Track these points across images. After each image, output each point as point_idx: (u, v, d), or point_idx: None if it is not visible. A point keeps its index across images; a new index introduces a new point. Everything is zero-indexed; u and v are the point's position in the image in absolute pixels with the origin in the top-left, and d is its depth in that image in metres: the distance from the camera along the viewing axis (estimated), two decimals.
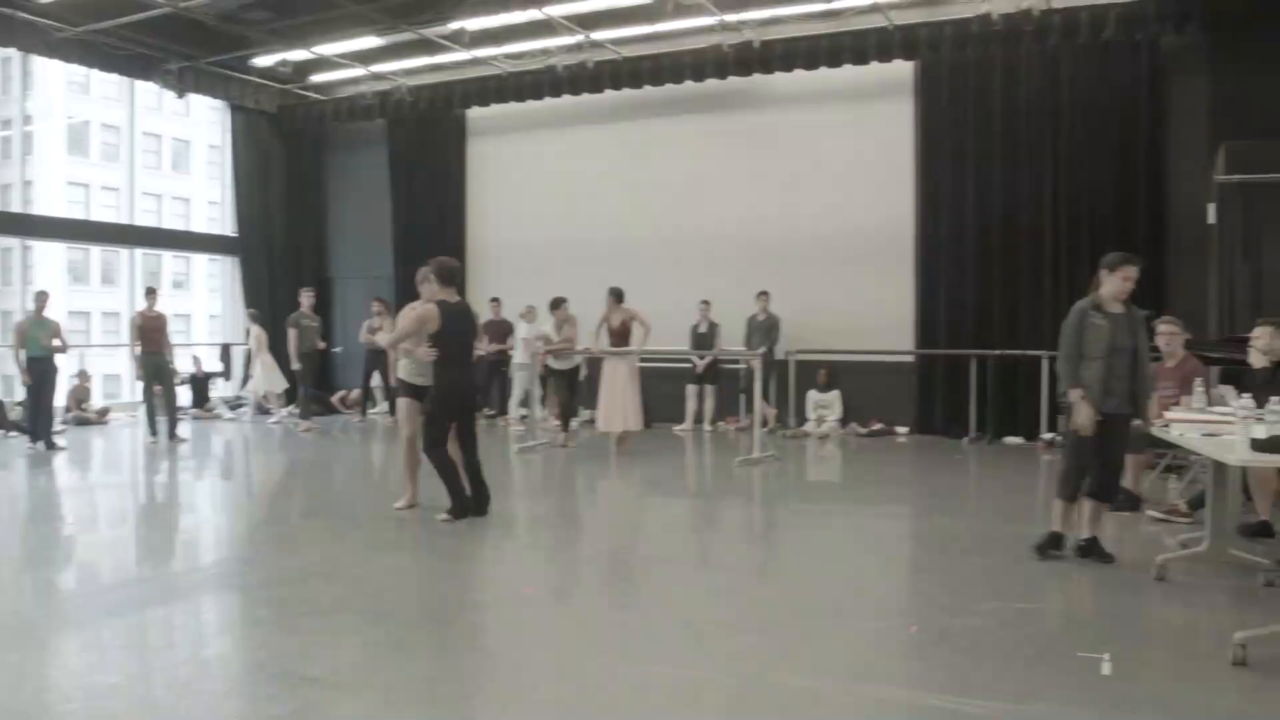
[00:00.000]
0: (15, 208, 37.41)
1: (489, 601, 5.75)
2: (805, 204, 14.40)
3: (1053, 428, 12.29)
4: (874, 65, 13.27)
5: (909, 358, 13.79)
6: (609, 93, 15.13)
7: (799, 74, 13.73)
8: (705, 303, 14.30)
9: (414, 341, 7.74)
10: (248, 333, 16.30)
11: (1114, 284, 6.17)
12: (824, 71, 13.57)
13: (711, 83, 14.39)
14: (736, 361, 14.01)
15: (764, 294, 13.91)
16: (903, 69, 13.64)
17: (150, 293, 13.62)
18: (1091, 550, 6.26)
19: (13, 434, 13.35)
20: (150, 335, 13.17)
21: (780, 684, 4.16)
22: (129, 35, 14.85)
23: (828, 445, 13.05)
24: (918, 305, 13.77)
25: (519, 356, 14.35)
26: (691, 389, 14.44)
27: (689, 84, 14.49)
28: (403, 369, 8.09)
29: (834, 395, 14.03)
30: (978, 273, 13.30)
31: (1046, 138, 12.91)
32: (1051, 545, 6.32)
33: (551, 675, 4.32)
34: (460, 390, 7.79)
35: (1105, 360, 6.11)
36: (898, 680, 4.27)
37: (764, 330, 13.84)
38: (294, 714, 3.88)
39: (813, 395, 14.06)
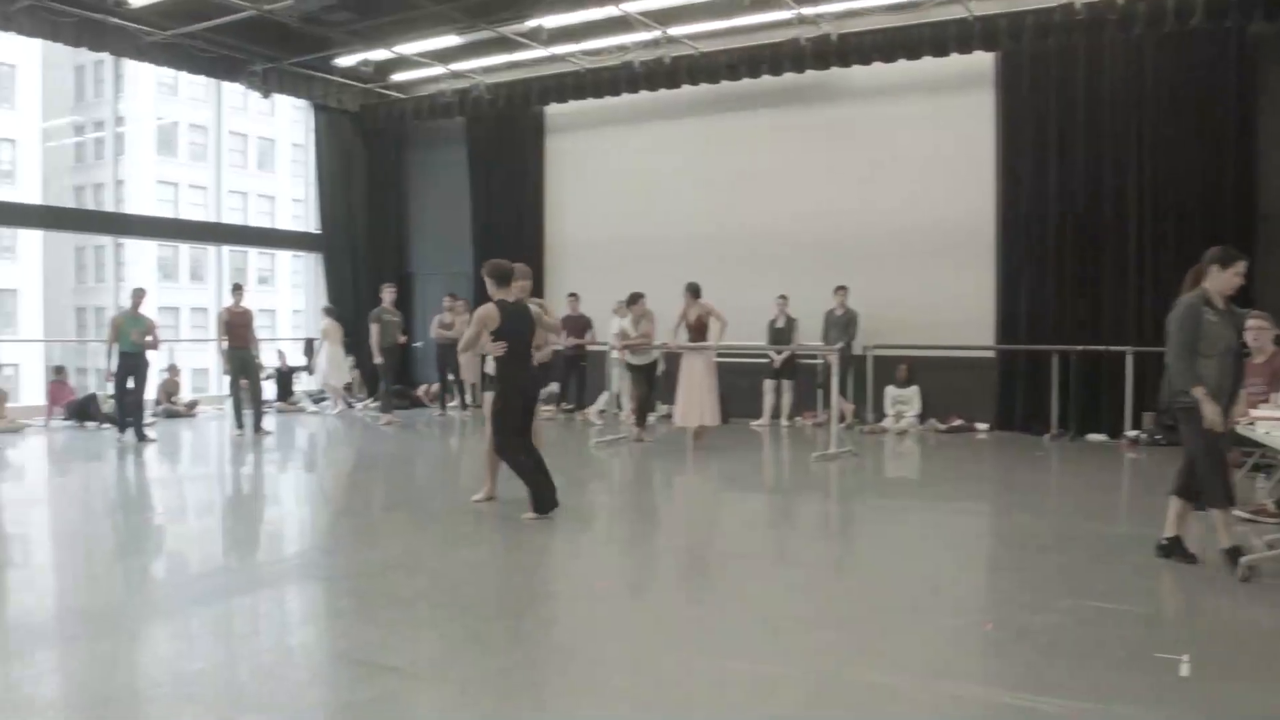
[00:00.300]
0: (108, 207, 38.46)
1: (565, 594, 5.81)
2: (883, 197, 14.29)
3: (1137, 425, 12.06)
4: (953, 57, 13.11)
5: (989, 353, 13.60)
6: (686, 88, 15.13)
7: (877, 67, 13.63)
8: (783, 297, 14.26)
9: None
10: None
11: (1224, 280, 5.88)
12: (902, 64, 13.44)
13: (788, 77, 14.32)
14: (814, 356, 13.95)
15: (842, 289, 13.83)
16: (983, 60, 13.46)
17: (237, 289, 13.94)
18: (1174, 550, 6.13)
19: (106, 426, 13.76)
20: (236, 330, 13.48)
21: (856, 680, 4.16)
22: (215, 38, 15.21)
23: (906, 441, 12.94)
24: (998, 299, 13.59)
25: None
26: (769, 384, 14.42)
27: (766, 78, 14.45)
28: (489, 364, 8.16)
29: (913, 391, 13.90)
30: (1060, 266, 13.08)
31: (1131, 128, 12.64)
32: (1233, 557, 5.83)
33: (626, 669, 4.36)
34: (520, 387, 7.87)
35: (1220, 358, 5.84)
36: (974, 677, 4.24)
37: (841, 325, 13.76)
38: (373, 702, 3.96)
39: (891, 391, 13.95)
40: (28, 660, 4.59)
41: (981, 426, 13.49)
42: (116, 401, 12.89)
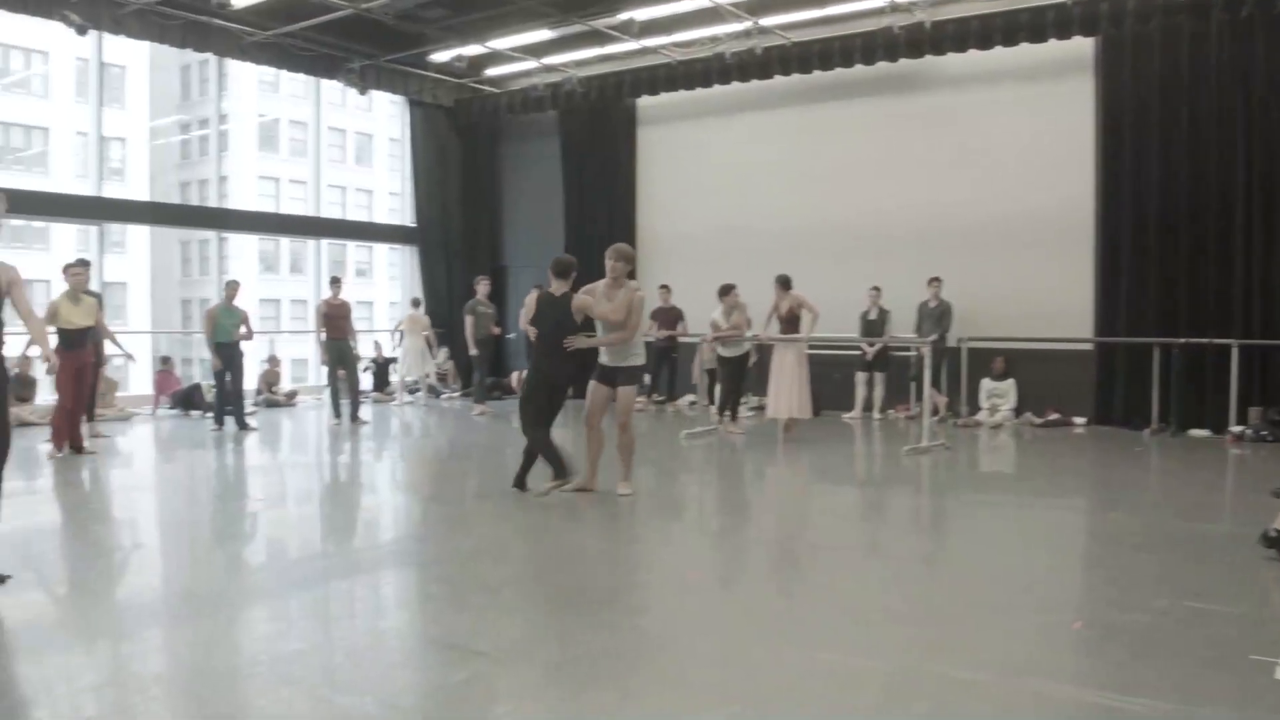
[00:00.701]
0: (212, 202, 39.55)
1: (653, 584, 5.85)
2: (979, 187, 14.05)
3: (1242, 420, 11.72)
4: (1051, 43, 12.84)
5: (1087, 346, 13.32)
6: (778, 79, 15.06)
7: (972, 54, 13.41)
8: (875, 289, 14.14)
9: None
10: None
11: None
12: (998, 51, 13.21)
13: (882, 66, 14.17)
14: (907, 349, 13.81)
15: (936, 280, 13.67)
16: (1082, 46, 13.15)
17: (335, 282, 14.25)
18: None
19: (209, 415, 14.19)
20: (335, 322, 13.79)
21: (940, 675, 4.12)
22: (314, 37, 15.56)
23: (1000, 435, 12.75)
24: (1097, 291, 13.28)
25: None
26: (861, 376, 14.32)
27: (859, 67, 14.31)
28: (629, 354, 8.30)
29: (1009, 384, 13.68)
30: (1162, 257, 12.73)
31: (1238, 115, 12.23)
32: None
33: (712, 659, 4.38)
34: (544, 373, 8.18)
35: None
36: (1060, 676, 4.18)
37: (935, 317, 13.60)
38: (462, 685, 4.05)
39: (987, 383, 13.74)
40: (137, 639, 4.79)
41: (1079, 421, 13.22)
42: (217, 392, 13.29)
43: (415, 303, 17.24)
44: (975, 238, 14.03)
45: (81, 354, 10.70)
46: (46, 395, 14.78)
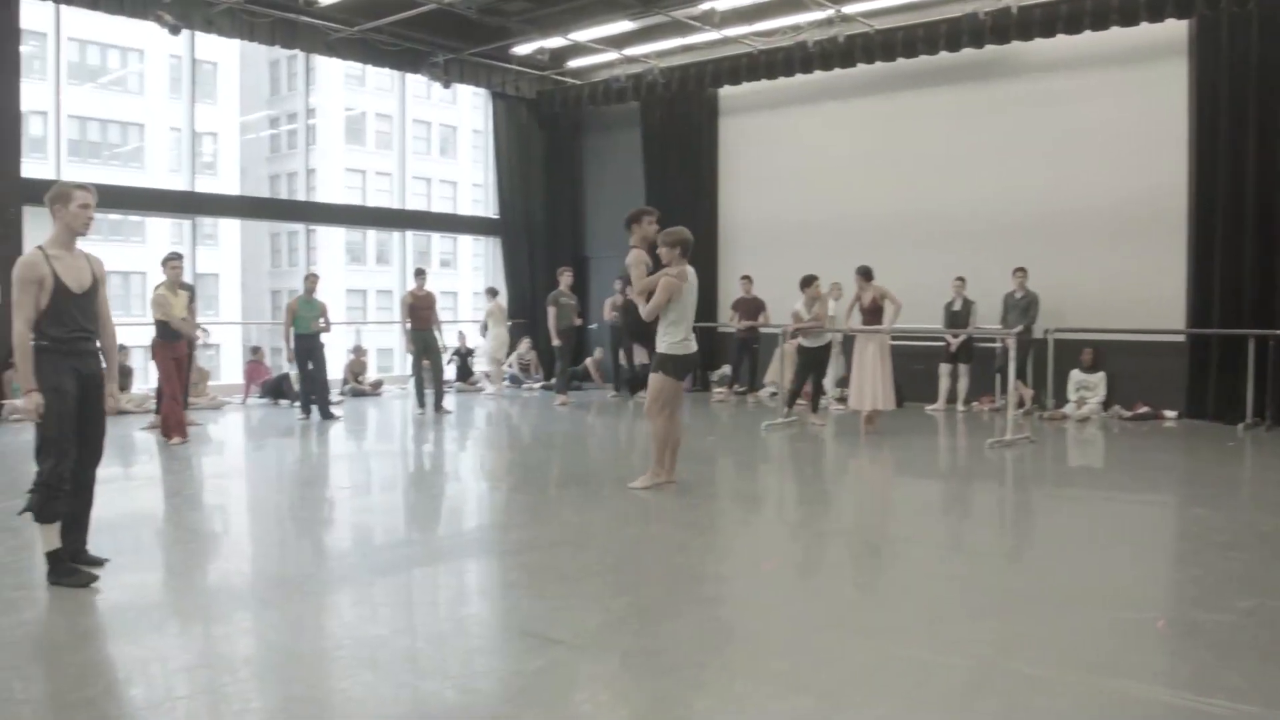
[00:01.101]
0: (300, 194, 40.29)
1: (728, 574, 5.87)
2: (1067, 175, 13.79)
3: None
4: (1143, 26, 12.54)
5: (1179, 337, 13.01)
6: (861, 67, 14.95)
7: (1060, 39, 13.14)
8: (960, 279, 13.96)
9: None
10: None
11: None
12: (1087, 35, 12.94)
13: (967, 52, 13.98)
14: (992, 340, 13.63)
15: (1021, 270, 13.45)
16: (1175, 28, 12.81)
17: (419, 273, 14.48)
18: None
19: (297, 404, 14.51)
20: (419, 313, 14.01)
21: (1014, 671, 4.09)
22: (398, 31, 15.81)
23: (1087, 429, 12.52)
24: (1190, 281, 12.96)
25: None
26: (945, 368, 14.17)
27: (943, 54, 14.13)
28: (661, 341, 8.33)
29: (1099, 377, 13.43)
30: (1258, 246, 12.35)
31: None
32: None
33: (783, 649, 4.40)
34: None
35: None
36: (1137, 675, 4.10)
37: (1021, 308, 13.39)
38: (539, 672, 4.12)
39: (1075, 375, 13.51)
40: (226, 621, 4.95)
41: (1170, 414, 12.93)
42: (301, 382, 13.61)
43: (493, 293, 17.42)
44: (1062, 226, 13.77)
45: (180, 344, 11.05)
46: (141, 384, 15.27)
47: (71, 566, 5.43)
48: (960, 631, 4.64)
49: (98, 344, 5.58)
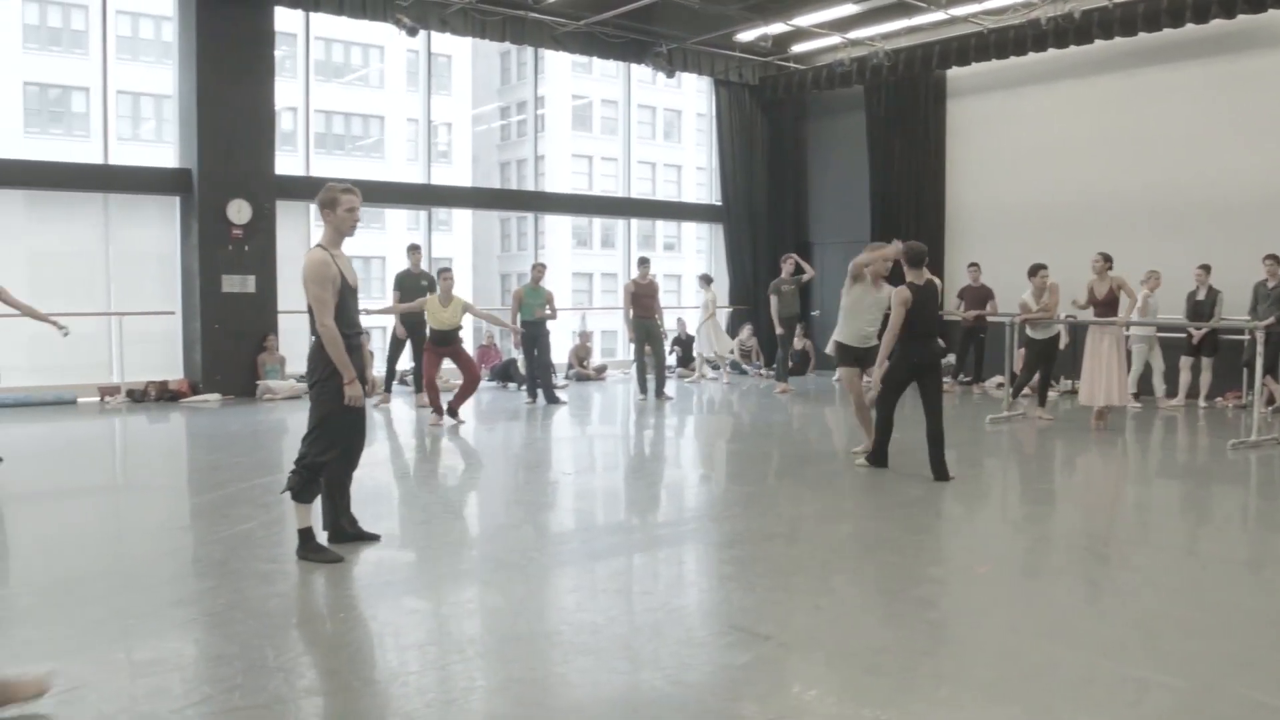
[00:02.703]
0: (529, 180, 41.57)
1: (943, 576, 5.80)
2: None
3: None
4: None
5: None
6: (1099, 43, 14.36)
7: None
8: (1204, 268, 13.19)
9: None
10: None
11: None
12: None
13: (1216, 24, 13.20)
14: (1239, 332, 12.84)
15: (1272, 257, 12.59)
16: None
17: (643, 263, 14.78)
18: None
19: (523, 388, 15.06)
20: (642, 301, 14.31)
21: (1235, 695, 3.90)
22: (623, 23, 16.14)
23: None
24: None
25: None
26: (1185, 361, 13.46)
27: (1190, 27, 13.40)
28: (842, 333, 8.50)
29: None
30: None
31: None
32: None
33: (994, 657, 4.35)
34: (913, 359, 8.35)
35: None
36: None
37: (1274, 298, 12.55)
38: (745, 667, 4.22)
39: None
40: (452, 600, 5.29)
41: None
42: (526, 367, 14.11)
43: (708, 280, 17.56)
44: None
45: (447, 349, 11.97)
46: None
47: (320, 544, 5.88)
48: (1181, 648, 4.46)
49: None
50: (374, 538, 6.20)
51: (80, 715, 3.72)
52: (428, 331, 11.99)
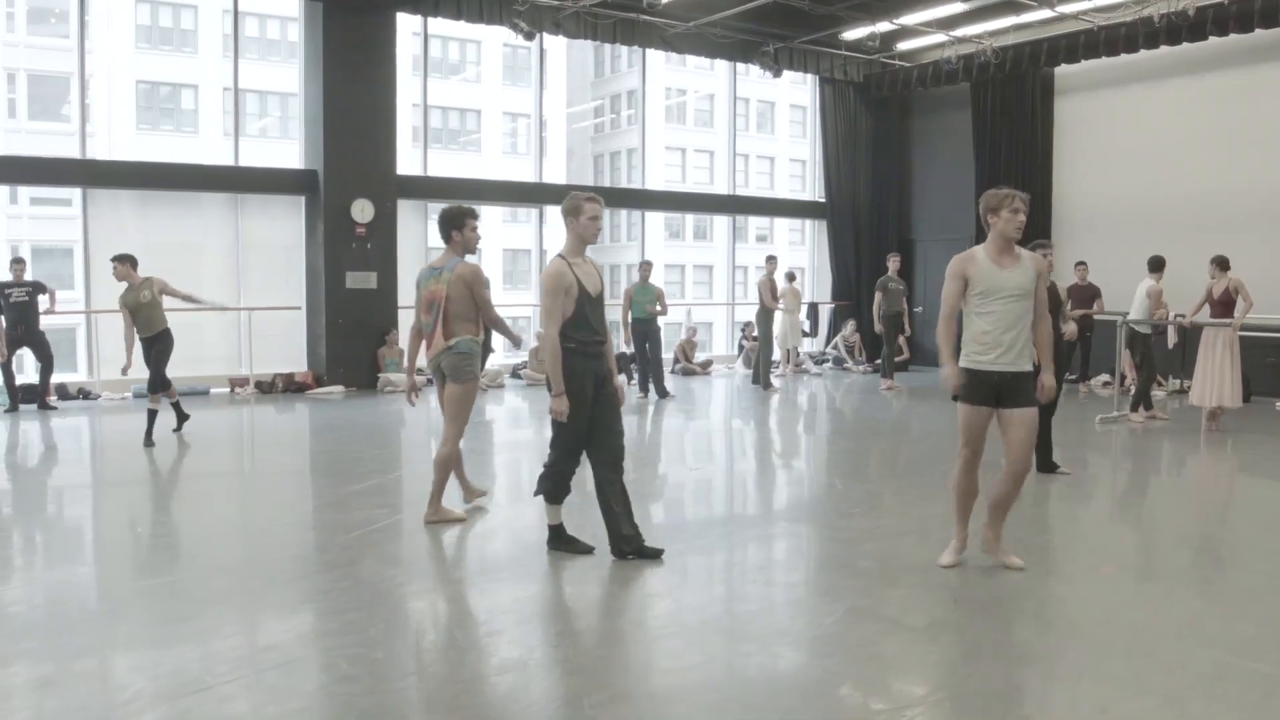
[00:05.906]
0: (622, 173, 42.07)
1: (1069, 574, 6.00)
2: None
3: None
4: None
5: None
6: (1213, 40, 14.23)
7: None
8: None
9: None
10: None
11: None
12: None
13: None
14: None
15: None
16: None
17: (770, 260, 15.21)
18: None
19: (633, 382, 15.42)
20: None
21: None
22: (731, 24, 16.42)
23: None
24: None
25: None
26: None
27: None
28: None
29: None
30: None
31: None
32: None
33: (1126, 652, 4.54)
34: None
35: None
36: None
37: None
38: (894, 656, 4.53)
39: None
40: (552, 583, 5.73)
41: None
42: (638, 364, 14.50)
43: (790, 276, 17.72)
44: None
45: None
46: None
47: (571, 537, 6.17)
48: None
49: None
50: (656, 553, 6.04)
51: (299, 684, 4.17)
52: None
